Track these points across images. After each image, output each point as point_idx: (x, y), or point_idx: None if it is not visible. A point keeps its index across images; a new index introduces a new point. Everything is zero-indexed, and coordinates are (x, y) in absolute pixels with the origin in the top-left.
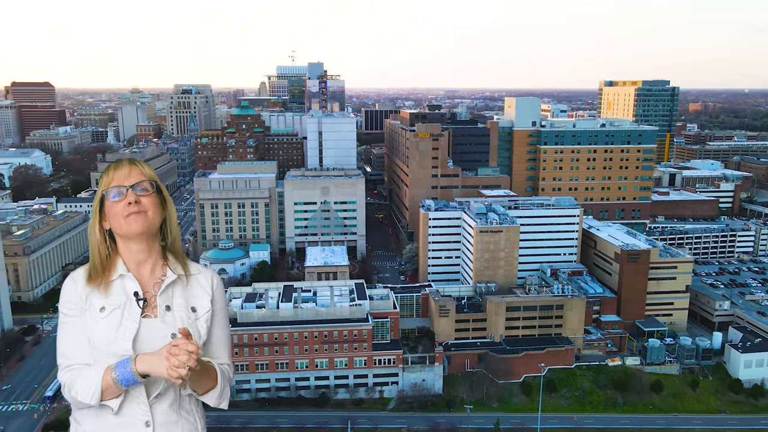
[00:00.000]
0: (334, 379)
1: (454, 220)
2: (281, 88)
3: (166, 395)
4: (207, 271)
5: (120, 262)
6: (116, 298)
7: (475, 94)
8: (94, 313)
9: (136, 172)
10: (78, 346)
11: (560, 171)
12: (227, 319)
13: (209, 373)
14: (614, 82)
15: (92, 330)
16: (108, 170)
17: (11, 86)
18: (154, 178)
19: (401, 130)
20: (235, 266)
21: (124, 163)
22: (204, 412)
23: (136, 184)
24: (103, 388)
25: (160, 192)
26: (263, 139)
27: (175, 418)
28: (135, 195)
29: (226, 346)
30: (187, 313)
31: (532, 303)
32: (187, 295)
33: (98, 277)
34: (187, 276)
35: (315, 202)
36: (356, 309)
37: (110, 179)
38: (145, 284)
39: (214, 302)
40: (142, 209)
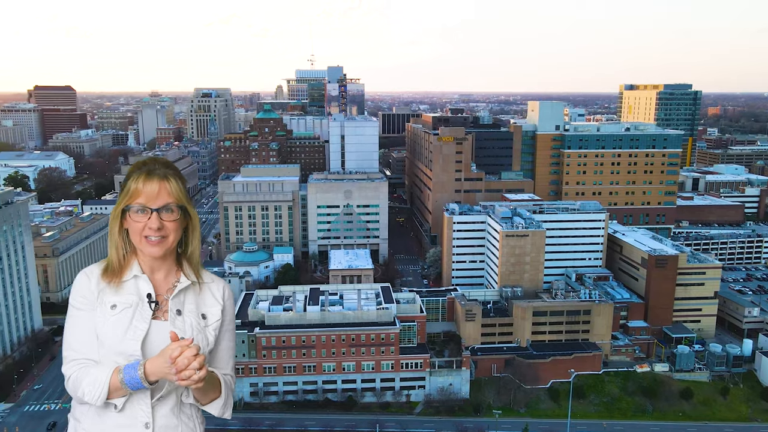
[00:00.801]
0: (361, 383)
1: (479, 224)
2: (301, 91)
3: (167, 398)
4: (219, 281)
5: (135, 264)
6: (129, 298)
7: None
8: (105, 310)
9: (164, 192)
10: (86, 340)
11: (584, 175)
12: (234, 331)
13: (213, 383)
14: (635, 86)
15: (101, 327)
16: (138, 178)
17: (34, 90)
18: (180, 201)
19: (424, 134)
20: (259, 269)
21: (155, 178)
22: (204, 418)
23: (163, 206)
24: (110, 389)
25: (186, 211)
26: (285, 142)
27: (175, 422)
28: (159, 221)
29: (231, 357)
30: (197, 320)
31: (559, 308)
32: (199, 302)
33: (113, 274)
34: (200, 283)
35: (338, 205)
36: (383, 312)
37: (138, 192)
38: (159, 287)
39: (224, 313)
40: (164, 234)
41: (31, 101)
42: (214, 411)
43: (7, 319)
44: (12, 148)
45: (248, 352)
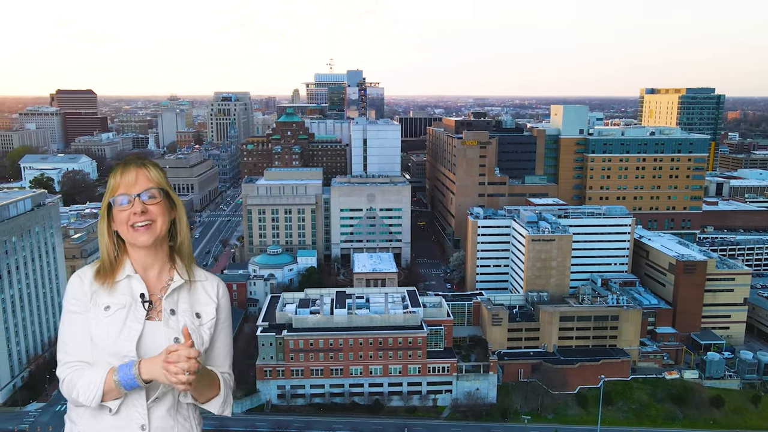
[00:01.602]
0: (387, 386)
1: (503, 228)
2: (320, 95)
3: (164, 400)
4: (213, 279)
5: (128, 263)
6: (122, 298)
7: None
8: (99, 312)
9: (143, 177)
10: (80, 343)
11: (608, 180)
12: (230, 328)
13: (212, 381)
14: (656, 90)
15: (95, 328)
16: (115, 173)
17: (56, 94)
18: (161, 184)
19: (447, 138)
20: (283, 272)
21: (131, 166)
22: (201, 419)
23: (144, 191)
24: (104, 390)
25: (169, 195)
26: (307, 146)
27: (171, 423)
28: (142, 204)
29: (228, 354)
30: (192, 319)
31: (586, 313)
32: (192, 301)
33: (106, 275)
34: (193, 282)
35: (361, 208)
36: (410, 316)
37: (117, 184)
38: (152, 287)
39: (219, 310)
40: (150, 218)
41: (53, 105)
42: (214, 409)
43: (38, 320)
44: (36, 151)
45: (276, 355)
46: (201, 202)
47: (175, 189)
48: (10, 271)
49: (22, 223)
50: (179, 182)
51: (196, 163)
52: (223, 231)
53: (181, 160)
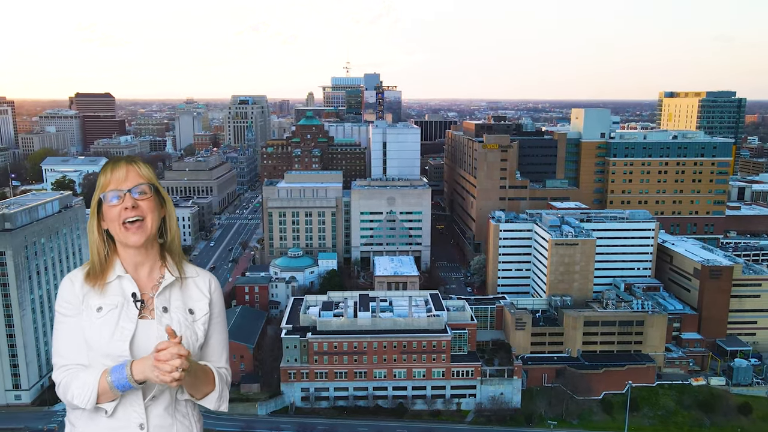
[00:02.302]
0: (411, 390)
1: (526, 232)
2: (337, 98)
3: (161, 398)
4: (205, 274)
5: (118, 263)
6: (114, 299)
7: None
8: (91, 313)
9: (133, 174)
10: (74, 346)
11: (630, 184)
12: (225, 323)
13: (207, 377)
14: (675, 93)
15: (89, 330)
16: (105, 170)
17: (75, 97)
18: (152, 180)
19: (467, 141)
20: (304, 274)
21: (121, 163)
22: (200, 416)
23: (134, 187)
24: (99, 392)
25: (159, 192)
26: (327, 149)
27: (170, 421)
28: (132, 199)
29: (223, 349)
30: (185, 315)
31: (611, 318)
32: (185, 298)
33: (96, 277)
34: (185, 278)
35: (381, 211)
36: (434, 320)
37: (108, 181)
38: (143, 286)
39: (212, 306)
40: (140, 214)
41: (73, 108)
42: (210, 405)
43: None
44: (56, 153)
45: (300, 357)
46: (220, 205)
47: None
48: (39, 272)
49: (50, 225)
50: (198, 185)
51: (214, 165)
52: (242, 233)
53: (201, 163)
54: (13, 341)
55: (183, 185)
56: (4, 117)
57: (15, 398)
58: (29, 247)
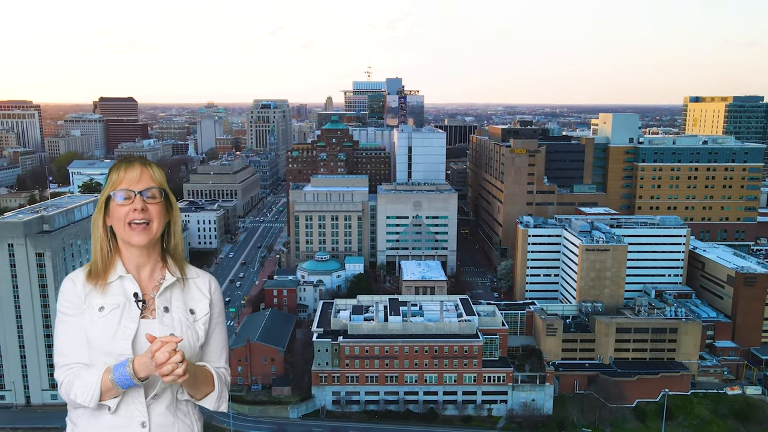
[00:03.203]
0: (442, 395)
1: (554, 237)
2: (358, 102)
3: (163, 396)
4: (205, 276)
5: (119, 264)
6: (115, 299)
7: (535, 110)
8: (93, 313)
9: (146, 176)
10: (76, 345)
11: (658, 189)
12: (225, 323)
13: (206, 377)
14: (701, 98)
15: (91, 329)
16: (119, 168)
17: (99, 101)
18: (163, 186)
19: (494, 146)
20: (331, 278)
21: (135, 164)
22: (201, 415)
23: (145, 189)
24: (102, 390)
25: (167, 197)
26: (352, 153)
27: (171, 419)
28: (142, 202)
29: (223, 350)
30: (186, 315)
31: (643, 325)
32: (186, 298)
33: (98, 276)
34: (185, 279)
35: (407, 216)
36: (465, 325)
37: (120, 179)
38: (144, 286)
39: (212, 306)
40: (147, 217)
41: (96, 112)
42: (209, 405)
43: None
44: (81, 156)
45: (331, 361)
46: (244, 208)
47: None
48: None
49: (85, 227)
50: (223, 188)
51: (238, 169)
52: (266, 236)
53: (225, 167)
54: (49, 341)
55: (208, 189)
56: (31, 121)
57: (51, 398)
58: (66, 248)
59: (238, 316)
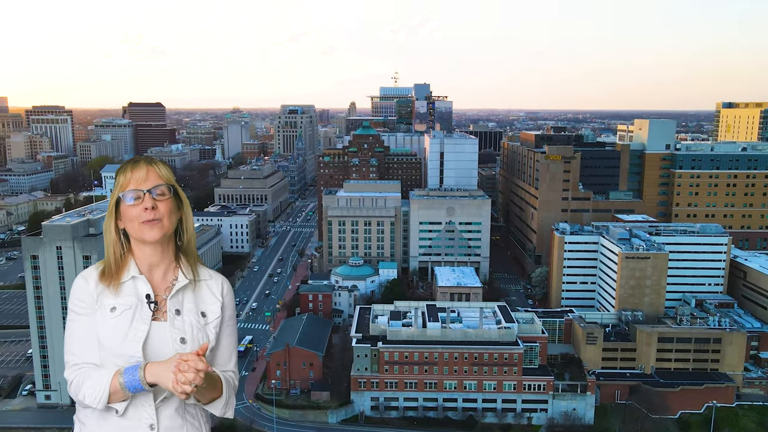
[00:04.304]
0: (482, 402)
1: (591, 244)
2: (384, 108)
3: (171, 399)
4: (218, 277)
5: (132, 264)
6: (128, 299)
7: (557, 116)
8: (105, 313)
9: (153, 174)
10: (87, 345)
11: (696, 197)
12: (235, 326)
13: (215, 383)
14: (734, 104)
15: (102, 330)
16: (125, 170)
17: (128, 106)
18: (171, 182)
19: (527, 152)
20: (366, 283)
21: (141, 163)
22: (209, 417)
23: (154, 187)
24: (110, 392)
25: (177, 194)
26: (383, 158)
27: (180, 422)
28: (152, 200)
29: (232, 353)
30: (197, 318)
31: (686, 335)
32: (197, 300)
33: (111, 276)
34: (198, 281)
35: (440, 222)
36: (505, 332)
37: (127, 180)
38: (157, 287)
39: (223, 309)
40: (158, 216)
41: (125, 117)
42: (216, 411)
43: None
44: (111, 161)
45: (370, 366)
46: (273, 213)
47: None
48: None
49: None
50: (253, 193)
51: (268, 174)
52: (297, 241)
53: (255, 171)
54: None
55: (238, 193)
56: (63, 126)
57: None
58: None
59: (273, 321)
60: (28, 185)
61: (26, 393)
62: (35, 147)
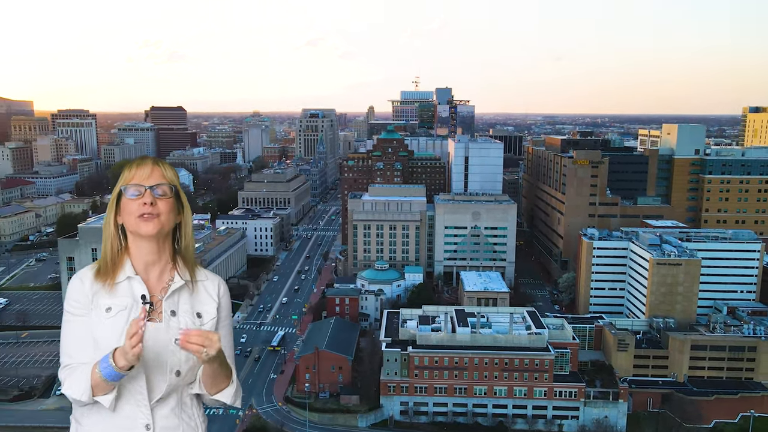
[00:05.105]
0: (512, 408)
1: (621, 250)
2: (405, 112)
3: (168, 399)
4: (215, 278)
5: (128, 264)
6: (123, 300)
7: (575, 120)
8: (100, 314)
9: (157, 173)
10: (82, 345)
11: (726, 202)
12: (231, 326)
13: (228, 371)
14: (762, 108)
15: (97, 330)
16: (131, 166)
17: (150, 110)
18: (174, 183)
19: (554, 157)
20: (392, 287)
21: (147, 162)
22: (206, 417)
23: (156, 185)
24: (92, 384)
25: (179, 197)
26: (407, 162)
27: (176, 422)
28: (152, 197)
29: (230, 353)
30: (192, 319)
31: (720, 342)
32: (193, 301)
33: (107, 273)
34: (194, 282)
35: (465, 226)
36: (536, 338)
37: (131, 176)
38: (152, 288)
39: (219, 309)
40: (156, 212)
41: (147, 120)
42: (226, 399)
43: None
44: None
45: (400, 371)
46: (296, 216)
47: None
48: None
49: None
50: (276, 196)
51: (291, 177)
52: (320, 245)
53: (279, 175)
54: None
55: (262, 196)
56: (88, 129)
57: None
58: None
59: (300, 324)
60: (54, 188)
61: (59, 393)
62: (61, 150)
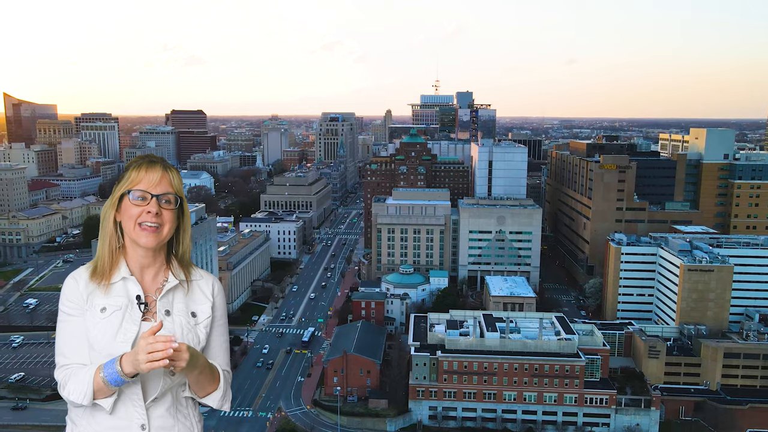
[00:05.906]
0: (542, 415)
1: (649, 255)
2: (425, 116)
3: (163, 399)
4: (209, 278)
5: (123, 265)
6: (118, 300)
7: (593, 124)
8: (95, 313)
9: (166, 181)
10: (77, 346)
11: (756, 208)
12: (226, 326)
13: (213, 375)
14: None
15: (92, 330)
16: (140, 166)
17: (170, 114)
18: (180, 192)
19: (579, 161)
20: (417, 291)
21: (157, 166)
22: (201, 417)
23: (162, 194)
24: (94, 389)
25: (181, 204)
26: (430, 166)
27: (171, 422)
28: (158, 206)
29: (224, 352)
30: (187, 319)
31: (754, 350)
32: (188, 301)
33: (103, 272)
34: (189, 282)
35: (490, 231)
36: (566, 344)
37: (139, 178)
38: (147, 288)
39: (214, 308)
40: (159, 222)
41: (168, 124)
42: (213, 403)
43: None
44: None
45: (429, 375)
46: (318, 220)
47: (295, 206)
48: None
49: (200, 229)
50: (298, 200)
51: (313, 181)
52: (343, 248)
53: (301, 178)
54: None
55: (284, 200)
56: (110, 132)
57: None
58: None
59: (325, 327)
60: (78, 190)
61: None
62: (84, 153)
